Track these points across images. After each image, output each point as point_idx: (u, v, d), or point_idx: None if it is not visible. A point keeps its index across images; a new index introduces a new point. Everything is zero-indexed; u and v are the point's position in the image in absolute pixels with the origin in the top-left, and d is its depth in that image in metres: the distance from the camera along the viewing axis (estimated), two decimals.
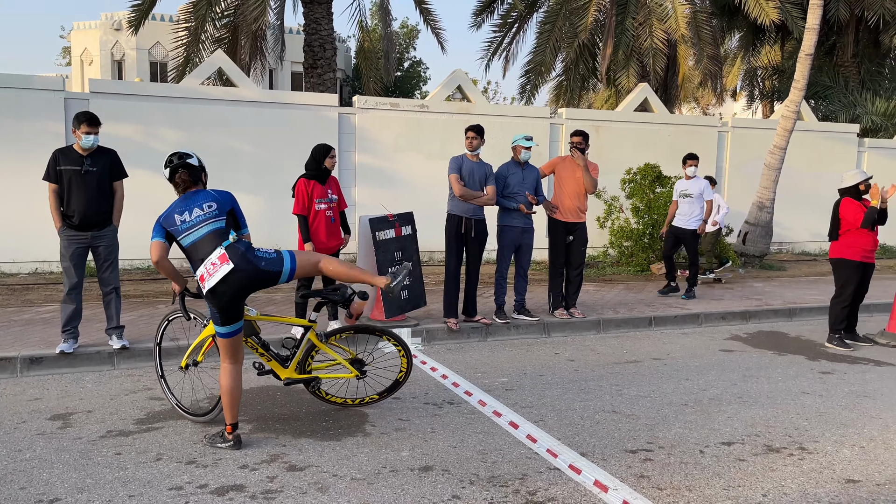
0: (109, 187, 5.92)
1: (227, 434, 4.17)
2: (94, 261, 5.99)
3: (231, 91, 10.95)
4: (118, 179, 5.99)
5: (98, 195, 5.80)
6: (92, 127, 5.71)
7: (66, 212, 5.77)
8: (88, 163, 5.77)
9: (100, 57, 29.81)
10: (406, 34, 36.02)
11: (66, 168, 5.72)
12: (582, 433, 4.51)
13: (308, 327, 4.77)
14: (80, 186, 5.72)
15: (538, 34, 16.76)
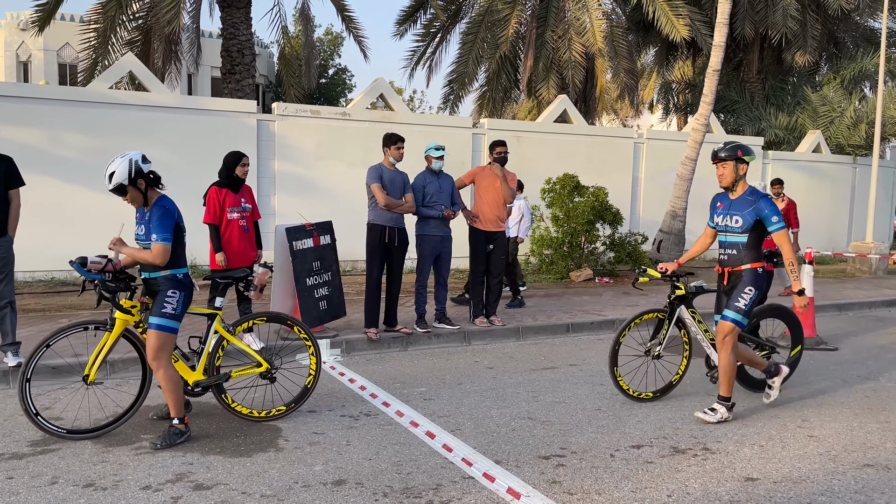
0: (4, 196, 5.59)
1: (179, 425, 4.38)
2: None
3: (143, 96, 10.57)
4: (14, 188, 5.66)
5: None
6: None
7: None
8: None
9: (4, 58, 28.26)
10: (331, 41, 35.72)
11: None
12: (498, 441, 4.54)
13: (213, 315, 4.66)
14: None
15: (461, 45, 16.94)
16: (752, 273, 4.99)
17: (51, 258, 9.36)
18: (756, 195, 4.97)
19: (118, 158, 4.32)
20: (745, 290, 4.95)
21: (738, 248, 5.02)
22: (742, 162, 4.94)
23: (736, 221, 4.97)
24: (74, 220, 9.65)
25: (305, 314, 6.83)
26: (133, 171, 4.32)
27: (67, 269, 9.78)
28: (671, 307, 5.44)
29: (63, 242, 9.25)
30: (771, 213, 4.88)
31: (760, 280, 5.00)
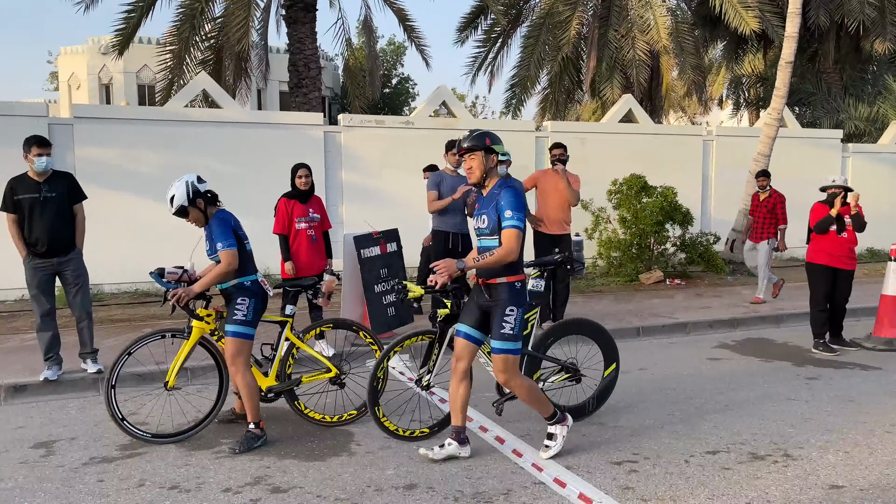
0: (70, 211, 5.86)
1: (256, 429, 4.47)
2: (63, 287, 5.92)
3: (215, 112, 10.98)
4: (78, 202, 5.94)
5: (59, 220, 5.73)
6: (43, 148, 5.63)
7: (29, 240, 5.69)
8: (46, 189, 5.70)
9: (87, 81, 29.86)
10: (393, 51, 36.23)
11: (24, 197, 5.65)
12: (567, 446, 4.49)
13: (283, 322, 4.83)
14: (40, 213, 5.65)
15: (522, 48, 16.89)
16: (507, 289, 4.07)
17: (134, 270, 9.81)
18: (503, 186, 4.11)
19: (176, 182, 4.58)
20: (507, 311, 4.05)
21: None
22: (491, 152, 4.11)
23: (483, 221, 4.15)
24: (155, 233, 10.08)
25: (374, 321, 6.95)
26: (191, 192, 4.57)
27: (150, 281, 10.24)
28: (441, 328, 4.55)
29: (145, 255, 9.70)
30: (507, 205, 3.99)
31: (522, 296, 4.12)
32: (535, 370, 4.90)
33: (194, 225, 4.69)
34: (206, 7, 12.49)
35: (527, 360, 4.78)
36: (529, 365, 4.82)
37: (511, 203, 4.01)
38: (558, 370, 4.90)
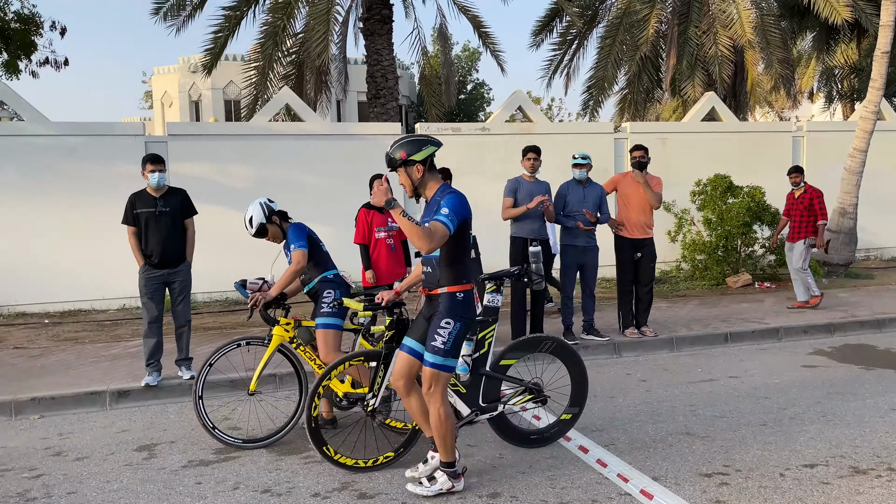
0: (182, 225, 6.23)
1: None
2: (169, 295, 6.29)
3: (298, 126, 11.33)
4: (189, 217, 6.31)
5: (172, 233, 6.12)
6: (156, 165, 6.03)
7: (145, 251, 6.11)
8: (161, 203, 6.10)
9: (178, 99, 31.42)
10: (468, 57, 36.42)
11: (142, 210, 6.07)
12: (654, 457, 4.40)
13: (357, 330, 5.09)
14: (155, 227, 6.05)
15: (599, 49, 16.63)
16: (448, 300, 3.80)
17: (225, 280, 10.22)
18: (444, 192, 3.82)
19: (250, 206, 4.97)
20: (442, 323, 3.76)
21: (433, 265, 3.88)
22: (411, 163, 3.80)
23: None
24: (243, 244, 10.47)
25: None
26: (266, 210, 4.96)
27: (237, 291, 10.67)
28: (387, 349, 4.21)
29: (234, 265, 10.11)
30: (444, 204, 3.71)
31: (463, 309, 3.82)
32: (495, 392, 4.48)
33: (273, 242, 5.08)
34: (287, 23, 12.91)
35: (485, 381, 4.39)
36: (489, 386, 4.42)
37: (450, 203, 3.72)
38: (521, 391, 4.56)
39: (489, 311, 4.55)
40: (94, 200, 10.09)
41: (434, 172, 3.93)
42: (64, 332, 8.75)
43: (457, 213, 3.72)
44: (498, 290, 4.65)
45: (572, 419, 4.74)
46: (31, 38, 12.64)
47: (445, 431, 3.84)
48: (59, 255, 10.03)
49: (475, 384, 4.36)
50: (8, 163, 9.90)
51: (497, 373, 4.46)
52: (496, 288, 4.65)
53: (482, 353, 4.39)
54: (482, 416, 4.39)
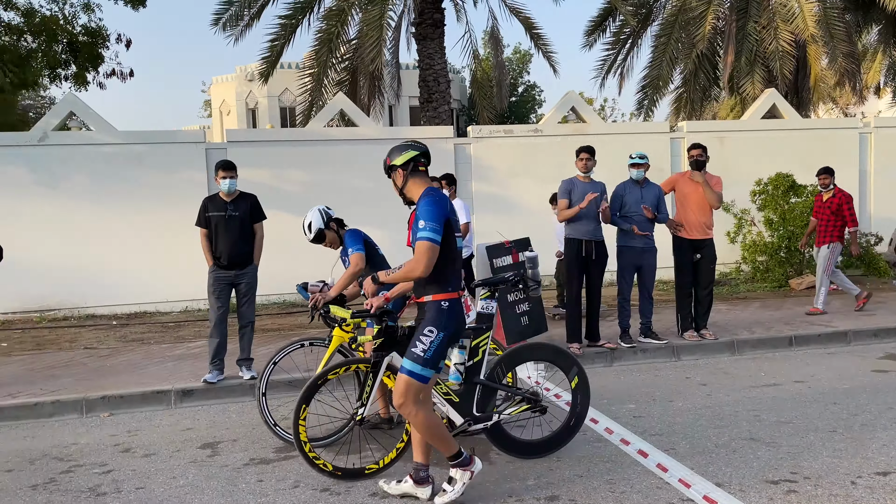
0: (250, 229, 6.42)
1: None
2: (235, 296, 6.46)
3: (352, 131, 11.50)
4: (258, 221, 6.49)
5: (241, 237, 6.31)
6: (227, 171, 6.26)
7: (215, 253, 6.34)
8: (231, 208, 6.31)
9: (236, 107, 32.22)
10: (519, 59, 36.28)
11: (213, 214, 6.31)
12: (717, 462, 4.29)
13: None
14: (225, 229, 6.27)
15: (653, 48, 16.34)
16: (433, 308, 3.71)
17: (282, 283, 10.46)
18: (422, 196, 3.72)
19: (309, 212, 5.06)
20: (425, 331, 3.68)
21: None
22: (393, 169, 3.83)
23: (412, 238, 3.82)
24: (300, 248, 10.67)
25: (508, 330, 6.97)
26: (325, 217, 5.06)
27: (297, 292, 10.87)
28: (375, 357, 4.07)
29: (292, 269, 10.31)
30: (419, 216, 3.62)
31: (448, 318, 3.69)
32: (490, 401, 4.32)
33: (330, 247, 5.19)
34: (341, 30, 13.11)
35: (480, 391, 4.26)
36: (484, 395, 4.28)
37: (424, 212, 3.61)
38: (518, 401, 4.42)
39: (483, 319, 4.47)
40: (157, 206, 10.44)
41: (419, 178, 3.84)
42: (131, 333, 9.07)
43: (434, 219, 3.60)
44: (492, 297, 4.57)
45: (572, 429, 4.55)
46: (99, 50, 13.14)
47: (437, 431, 3.72)
48: (126, 259, 10.41)
49: (469, 393, 4.24)
50: (79, 170, 10.33)
51: (492, 381, 4.31)
52: (490, 294, 4.57)
53: (476, 362, 4.29)
54: (476, 425, 4.25)
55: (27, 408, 5.86)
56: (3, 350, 8.21)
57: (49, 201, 10.22)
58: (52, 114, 10.56)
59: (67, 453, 4.96)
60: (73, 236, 10.26)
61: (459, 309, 3.75)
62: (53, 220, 10.19)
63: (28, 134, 10.34)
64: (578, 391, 4.52)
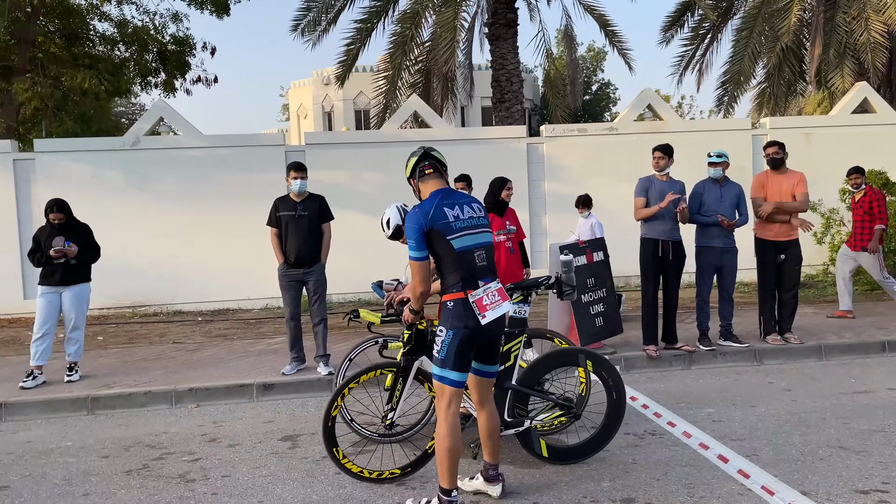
0: (318, 229, 6.61)
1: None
2: (306, 294, 6.67)
3: (425, 132, 11.62)
4: (326, 221, 6.68)
5: (309, 236, 6.52)
6: (298, 172, 6.49)
7: (284, 251, 6.58)
8: (301, 208, 6.53)
9: (312, 110, 33.07)
10: (593, 57, 35.79)
11: (284, 214, 6.54)
12: (802, 470, 4.13)
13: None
14: (294, 229, 6.49)
15: (734, 42, 15.82)
16: (442, 309, 3.71)
17: (357, 281, 10.68)
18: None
19: (387, 209, 5.02)
20: (437, 331, 3.71)
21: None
22: (408, 180, 3.95)
23: None
24: (374, 248, 10.88)
25: (582, 331, 6.90)
26: (403, 213, 4.98)
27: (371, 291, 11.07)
28: (405, 361, 4.14)
29: (365, 268, 10.53)
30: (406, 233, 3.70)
31: (455, 317, 3.62)
32: (523, 406, 4.28)
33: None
34: (415, 33, 13.28)
35: (511, 395, 4.23)
36: (515, 400, 4.26)
37: (406, 230, 3.70)
38: (550, 406, 4.35)
39: (516, 323, 4.39)
40: (240, 207, 10.85)
41: (428, 182, 3.85)
42: (215, 329, 9.46)
43: (411, 236, 3.66)
44: (525, 301, 4.51)
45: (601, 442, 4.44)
46: (186, 58, 13.80)
47: (442, 451, 3.60)
48: (210, 258, 10.86)
49: (500, 398, 4.22)
50: (167, 173, 10.85)
51: (524, 386, 4.26)
52: (523, 298, 4.52)
53: (508, 366, 4.26)
54: (507, 431, 4.22)
55: (122, 398, 6.22)
56: (100, 343, 8.71)
57: (140, 203, 10.78)
58: (144, 119, 11.13)
59: (159, 441, 5.24)
60: (163, 236, 10.78)
61: (464, 308, 3.62)
62: (144, 221, 10.74)
63: (122, 139, 10.93)
64: (601, 368, 4.39)
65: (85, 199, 10.44)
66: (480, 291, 3.64)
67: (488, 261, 3.76)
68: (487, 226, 3.82)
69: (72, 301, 6.68)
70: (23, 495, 4.28)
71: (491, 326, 3.65)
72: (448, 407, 3.65)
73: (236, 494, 4.16)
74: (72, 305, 6.68)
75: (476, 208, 3.82)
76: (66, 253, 6.52)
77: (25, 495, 4.27)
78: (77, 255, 6.61)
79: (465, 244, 3.69)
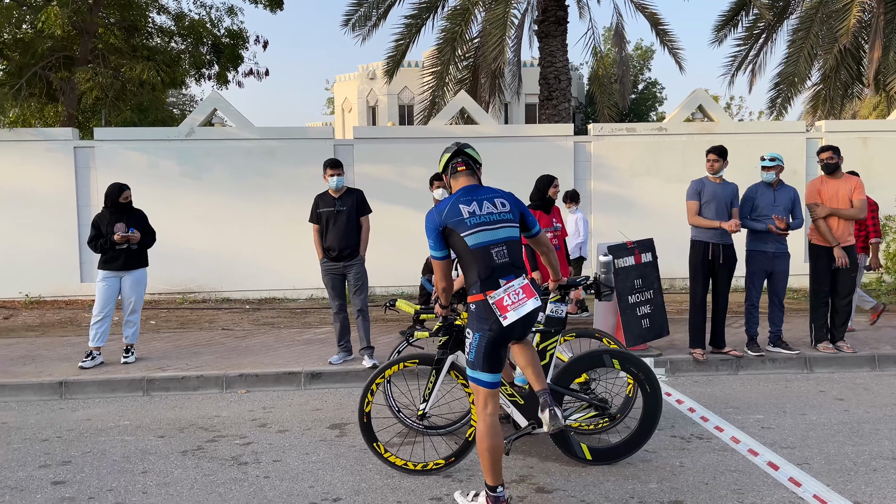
0: (357, 223, 6.73)
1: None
2: (347, 286, 6.81)
3: (472, 128, 11.65)
4: (364, 215, 6.80)
5: (347, 230, 6.65)
6: (335, 169, 6.65)
7: (325, 246, 6.71)
8: (339, 203, 6.67)
9: (357, 104, 33.37)
10: (640, 56, 35.35)
11: (324, 210, 6.70)
12: (856, 480, 4.07)
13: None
14: (333, 224, 6.64)
15: (790, 42, 15.47)
16: (468, 311, 3.68)
17: (402, 275, 10.82)
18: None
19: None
20: (465, 333, 3.72)
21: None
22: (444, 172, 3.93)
23: None
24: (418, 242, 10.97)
25: (628, 332, 6.88)
26: None
27: (415, 285, 11.18)
28: (440, 355, 4.20)
29: (410, 262, 10.62)
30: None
31: (479, 320, 3.59)
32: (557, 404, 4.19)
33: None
34: (464, 29, 13.32)
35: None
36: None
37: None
38: (584, 407, 4.37)
39: (552, 322, 4.37)
40: (288, 198, 11.04)
41: (458, 179, 3.86)
42: (262, 317, 9.66)
43: (430, 236, 3.73)
44: (561, 300, 4.49)
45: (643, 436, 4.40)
46: (239, 51, 14.06)
47: (483, 450, 3.59)
48: (258, 247, 11.09)
49: (535, 396, 4.19)
50: (219, 163, 11.10)
51: (559, 386, 4.25)
52: (561, 298, 4.49)
53: (543, 365, 4.24)
54: (540, 429, 4.19)
55: (175, 380, 6.41)
56: (153, 327, 8.98)
57: (193, 192, 11.05)
58: (199, 111, 11.39)
59: (211, 424, 5.40)
60: (213, 225, 11.04)
61: (486, 310, 3.59)
62: (196, 209, 11.01)
63: (177, 129, 11.21)
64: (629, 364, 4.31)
65: (141, 187, 10.76)
66: (501, 292, 3.57)
67: (511, 256, 3.67)
68: (511, 221, 3.74)
69: (132, 285, 6.92)
70: (84, 470, 4.46)
71: (516, 325, 3.59)
72: (485, 407, 3.65)
73: (287, 479, 4.27)
74: (132, 289, 6.92)
75: (500, 203, 3.74)
76: (129, 238, 6.76)
77: (87, 471, 4.45)
78: (138, 241, 6.85)
79: (481, 241, 3.63)
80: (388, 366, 4.29)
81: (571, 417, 4.37)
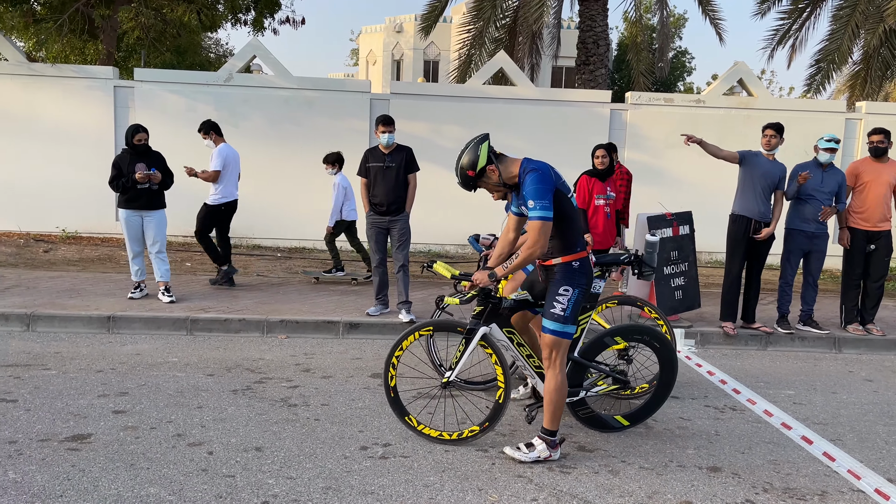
0: (405, 179, 6.82)
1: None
2: (390, 241, 6.91)
3: (510, 90, 11.59)
4: (412, 172, 6.88)
5: (395, 186, 6.74)
6: (387, 126, 6.74)
7: (372, 200, 6.79)
8: (389, 159, 6.76)
9: (382, 58, 33.04)
10: (672, 23, 34.65)
11: (373, 164, 6.80)
12: (888, 458, 4.20)
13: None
14: (382, 179, 6.74)
15: (833, 19, 15.15)
16: (564, 269, 3.89)
17: (435, 234, 10.94)
18: (525, 171, 3.79)
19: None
20: (560, 290, 3.87)
21: None
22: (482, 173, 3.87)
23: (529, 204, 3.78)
24: (452, 201, 11.04)
25: (661, 302, 6.98)
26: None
27: (445, 243, 11.29)
28: (473, 324, 4.16)
29: (448, 221, 10.71)
30: (528, 195, 3.72)
31: (579, 277, 3.88)
32: (580, 377, 4.34)
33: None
34: None
35: (572, 366, 4.30)
36: (574, 371, 4.32)
37: (532, 191, 3.70)
38: (604, 377, 4.48)
39: (590, 298, 4.39)
40: (322, 149, 11.02)
41: (505, 159, 3.90)
42: (295, 265, 9.83)
43: (543, 196, 3.69)
44: (602, 277, 4.56)
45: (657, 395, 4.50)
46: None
47: (559, 400, 3.92)
48: (292, 196, 11.20)
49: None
50: (256, 111, 11.14)
51: (585, 359, 4.33)
52: (601, 274, 4.56)
53: (574, 338, 4.31)
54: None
55: (218, 322, 6.60)
56: (189, 269, 9.17)
57: (229, 137, 11.04)
58: (238, 57, 11.39)
59: (257, 366, 5.58)
60: (248, 172, 11.11)
61: (589, 266, 3.95)
62: None
63: (216, 74, 11.24)
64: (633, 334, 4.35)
65: (179, 130, 10.85)
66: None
67: None
68: None
69: (156, 226, 7.21)
70: (142, 402, 4.66)
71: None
72: (563, 360, 3.94)
73: (337, 422, 4.44)
74: (157, 230, 7.21)
75: None
76: (150, 178, 6.92)
77: (144, 402, 4.65)
78: (158, 181, 7.08)
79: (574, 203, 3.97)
80: (403, 337, 4.22)
81: (592, 389, 4.41)
